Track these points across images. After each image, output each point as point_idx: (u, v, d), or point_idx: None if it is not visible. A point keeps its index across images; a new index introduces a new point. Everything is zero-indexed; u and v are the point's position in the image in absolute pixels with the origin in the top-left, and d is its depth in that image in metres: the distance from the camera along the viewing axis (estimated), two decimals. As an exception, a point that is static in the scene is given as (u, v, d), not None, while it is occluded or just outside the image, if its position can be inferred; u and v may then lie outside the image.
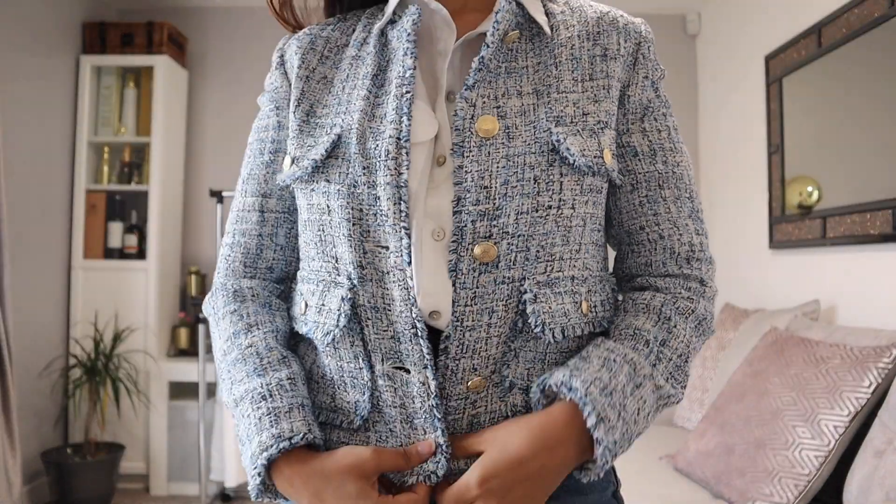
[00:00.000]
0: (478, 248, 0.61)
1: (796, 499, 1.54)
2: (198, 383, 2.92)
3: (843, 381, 1.59)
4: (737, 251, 2.96)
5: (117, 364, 2.94)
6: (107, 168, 3.22)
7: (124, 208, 3.20)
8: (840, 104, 2.23)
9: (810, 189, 2.41)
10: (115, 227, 3.16)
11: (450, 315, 0.62)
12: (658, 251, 0.70)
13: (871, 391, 1.54)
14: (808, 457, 1.55)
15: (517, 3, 0.68)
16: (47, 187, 2.98)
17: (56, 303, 3.04)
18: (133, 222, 3.20)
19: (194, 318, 3.22)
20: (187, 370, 3.06)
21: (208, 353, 2.95)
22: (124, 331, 3.03)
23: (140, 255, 3.16)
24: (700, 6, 3.33)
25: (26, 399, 2.75)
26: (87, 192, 3.14)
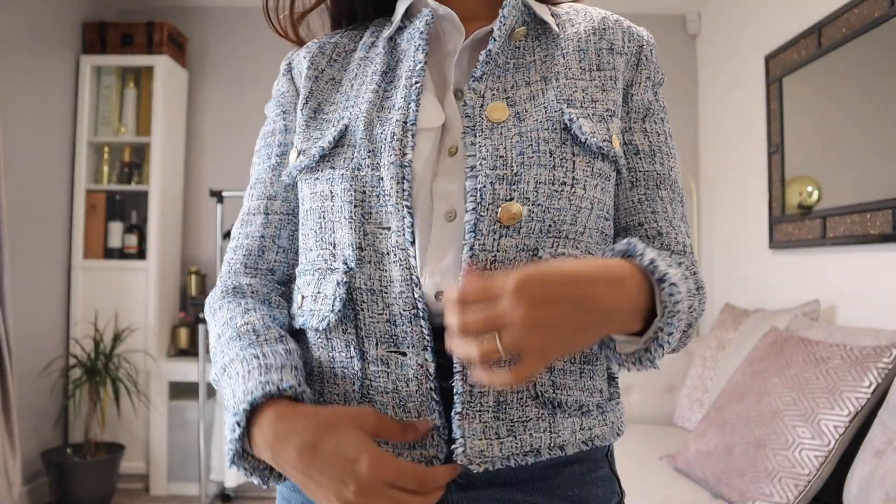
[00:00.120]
0: (502, 210, 0.60)
1: (796, 499, 1.54)
2: (198, 383, 2.92)
3: (843, 381, 1.59)
4: (737, 251, 2.96)
5: (117, 364, 2.94)
6: (107, 168, 3.22)
7: (124, 208, 3.20)
8: (840, 104, 2.23)
9: (810, 189, 2.41)
10: (115, 227, 3.16)
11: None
12: (655, 245, 0.70)
13: (871, 391, 1.54)
14: (808, 457, 1.55)
15: (524, 2, 0.70)
16: (47, 187, 2.98)
17: (56, 303, 3.04)
18: (133, 222, 3.20)
19: (194, 318, 3.22)
20: (187, 370, 3.06)
21: (208, 353, 2.94)
22: (124, 331, 3.03)
23: (140, 255, 3.16)
24: (700, 6, 3.33)
25: (26, 399, 2.75)
26: (87, 192, 3.14)
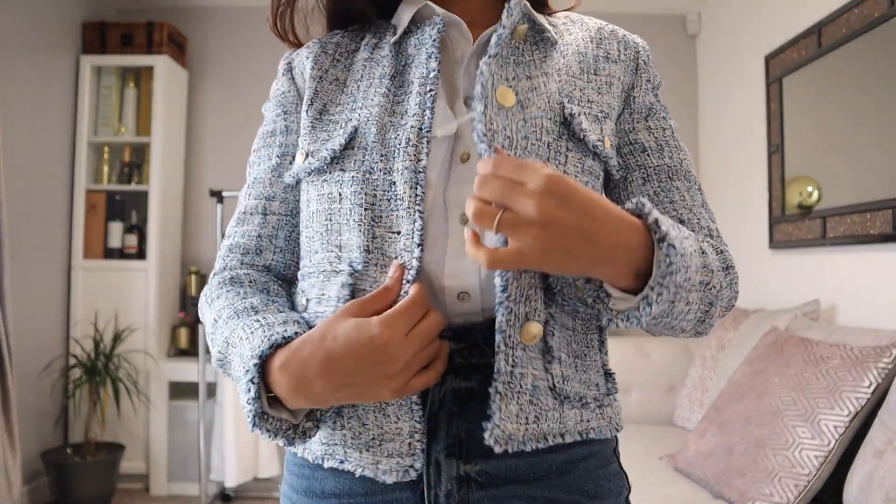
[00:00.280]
0: None
1: (796, 499, 1.54)
2: (198, 383, 2.92)
3: (843, 381, 1.59)
4: (737, 251, 2.96)
5: (117, 364, 2.94)
6: (107, 168, 3.22)
7: (124, 208, 3.20)
8: (840, 104, 2.23)
9: (810, 189, 2.41)
10: (115, 227, 3.16)
11: (479, 294, 0.63)
12: None
13: (871, 391, 1.54)
14: (808, 457, 1.55)
15: (525, 4, 0.71)
16: (47, 187, 2.98)
17: (56, 303, 3.04)
18: (133, 222, 3.20)
19: (194, 318, 3.22)
20: (187, 370, 3.06)
21: (208, 353, 2.95)
22: (124, 331, 3.03)
23: (140, 255, 3.16)
24: (700, 6, 3.33)
25: (26, 399, 2.75)
26: (87, 192, 3.14)
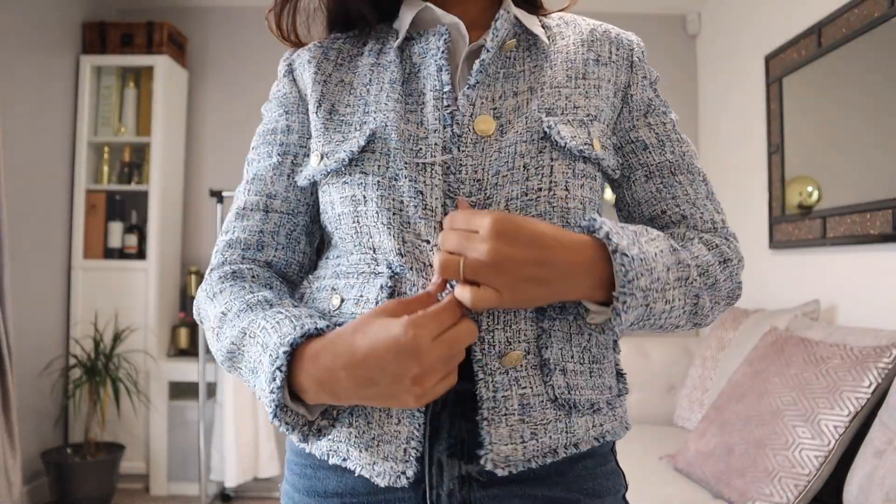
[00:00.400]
0: None
1: (796, 499, 1.54)
2: (198, 383, 2.92)
3: (843, 381, 1.59)
4: (737, 251, 2.96)
5: (117, 364, 2.94)
6: (107, 168, 3.22)
7: (124, 208, 3.20)
8: (840, 104, 2.23)
9: (810, 189, 2.41)
10: (115, 227, 3.16)
11: None
12: (682, 228, 0.72)
13: (871, 391, 1.54)
14: (808, 457, 1.55)
15: (515, 16, 0.72)
16: (47, 187, 2.98)
17: (56, 303, 3.04)
18: (133, 222, 3.20)
19: (194, 317, 3.22)
20: (187, 370, 3.06)
21: (208, 353, 2.95)
22: (124, 331, 3.03)
23: (140, 255, 3.16)
24: (700, 6, 3.33)
25: (26, 399, 2.75)
26: (87, 192, 3.14)
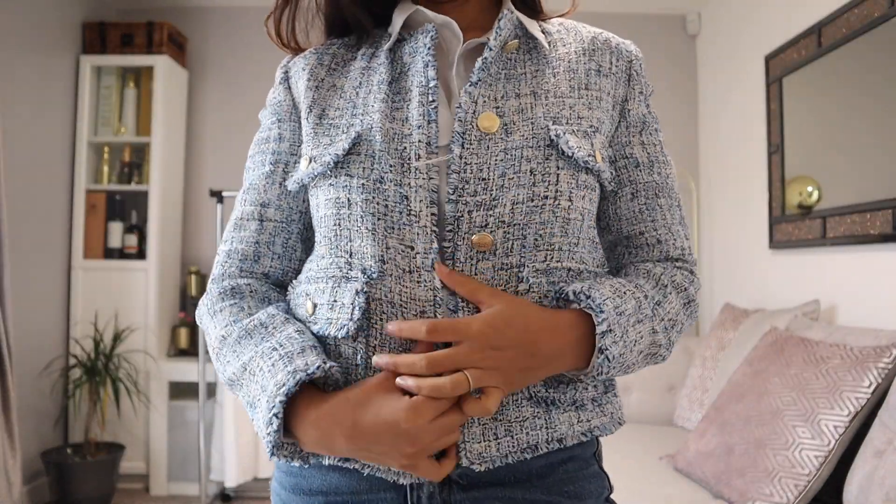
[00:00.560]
0: (475, 237, 0.64)
1: (796, 499, 1.54)
2: (198, 383, 2.92)
3: (843, 381, 1.59)
4: (737, 251, 2.96)
5: (117, 364, 2.94)
6: (107, 168, 3.22)
7: (124, 208, 3.20)
8: (840, 104, 2.23)
9: (810, 189, 2.41)
10: (115, 227, 3.16)
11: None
12: (655, 252, 0.75)
13: (871, 391, 1.54)
14: (808, 457, 1.55)
15: (517, 17, 0.73)
16: (47, 187, 2.98)
17: (56, 303, 3.04)
18: (133, 222, 3.20)
19: (194, 318, 3.22)
20: (187, 370, 3.06)
21: (208, 354, 2.94)
22: (124, 331, 3.03)
23: (140, 255, 3.16)
24: (700, 6, 3.33)
25: (26, 399, 2.75)
26: (87, 192, 3.14)
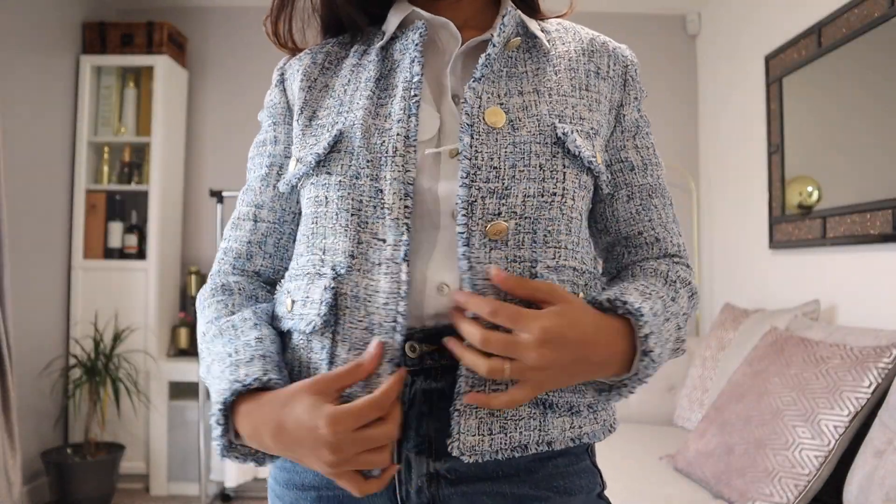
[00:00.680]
0: (490, 225, 0.64)
1: (796, 499, 1.54)
2: (198, 383, 2.92)
3: (843, 381, 1.59)
4: (737, 251, 2.96)
5: (117, 364, 2.94)
6: (107, 168, 3.22)
7: (124, 208, 3.20)
8: (840, 104, 2.23)
9: (810, 189, 2.41)
10: (115, 227, 3.15)
11: (457, 288, 0.65)
12: (654, 250, 0.77)
13: (871, 391, 1.54)
14: (808, 457, 1.55)
15: (519, 15, 0.73)
16: (47, 187, 2.98)
17: (56, 303, 3.04)
18: (133, 222, 3.20)
19: (194, 317, 3.22)
20: (187, 370, 3.06)
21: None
22: (124, 331, 3.03)
23: (140, 255, 3.15)
24: (700, 6, 3.33)
25: (26, 399, 2.75)
26: (87, 192, 3.14)
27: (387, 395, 0.60)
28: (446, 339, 0.62)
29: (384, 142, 0.66)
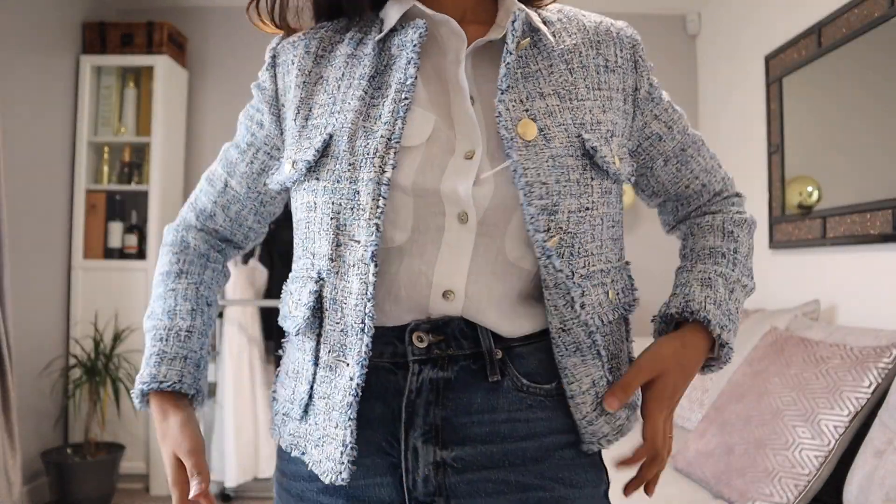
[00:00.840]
0: (549, 242, 0.66)
1: (796, 499, 1.54)
2: (198, 383, 2.92)
3: (843, 381, 1.59)
4: (737, 251, 2.96)
5: (117, 364, 2.94)
6: (107, 168, 3.22)
7: (124, 208, 3.20)
8: (840, 104, 2.23)
9: (810, 189, 2.41)
10: (115, 227, 3.15)
11: (463, 295, 0.66)
12: (704, 196, 0.84)
13: (871, 391, 1.54)
14: (808, 457, 1.55)
15: (526, 14, 0.71)
16: (47, 187, 2.98)
17: (56, 303, 3.04)
18: (133, 222, 3.20)
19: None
20: (187, 370, 3.05)
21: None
22: (124, 331, 3.02)
23: (140, 255, 3.15)
24: (700, 6, 3.33)
25: (26, 399, 2.75)
26: (87, 192, 3.14)
27: None
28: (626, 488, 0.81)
29: (367, 144, 0.66)
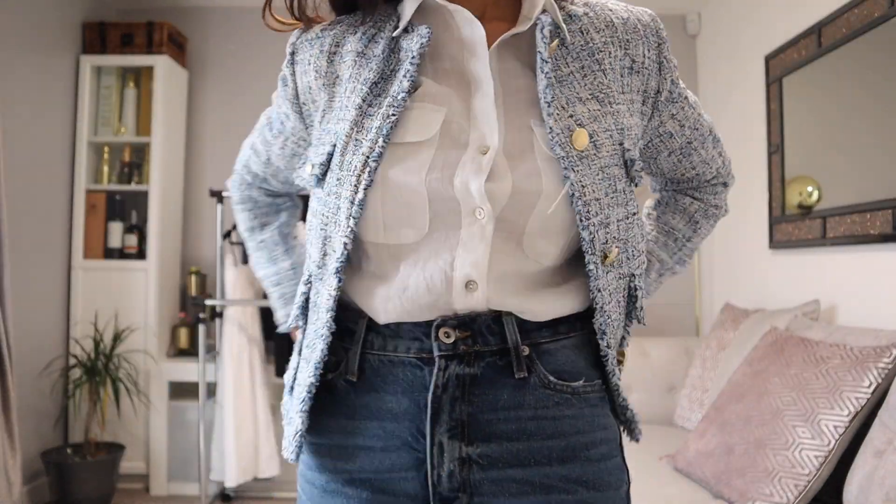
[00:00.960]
0: (605, 258, 0.69)
1: (796, 499, 1.54)
2: (198, 383, 2.92)
3: (843, 381, 1.59)
4: (737, 251, 2.96)
5: (117, 364, 2.94)
6: (107, 168, 3.22)
7: (124, 208, 3.20)
8: (840, 104, 2.23)
9: (810, 189, 2.41)
10: (115, 227, 3.15)
11: (485, 284, 0.67)
12: (694, 181, 0.89)
13: (871, 391, 1.54)
14: (808, 457, 1.55)
15: (551, 18, 0.70)
16: (47, 187, 2.98)
17: (56, 303, 3.04)
18: (133, 222, 3.20)
19: (194, 318, 3.22)
20: (187, 370, 3.06)
21: (208, 353, 2.95)
22: (124, 331, 3.02)
23: (140, 255, 3.15)
24: (700, 6, 3.33)
25: (26, 399, 2.75)
26: (87, 192, 3.14)
27: None
28: None
29: (352, 161, 0.67)
